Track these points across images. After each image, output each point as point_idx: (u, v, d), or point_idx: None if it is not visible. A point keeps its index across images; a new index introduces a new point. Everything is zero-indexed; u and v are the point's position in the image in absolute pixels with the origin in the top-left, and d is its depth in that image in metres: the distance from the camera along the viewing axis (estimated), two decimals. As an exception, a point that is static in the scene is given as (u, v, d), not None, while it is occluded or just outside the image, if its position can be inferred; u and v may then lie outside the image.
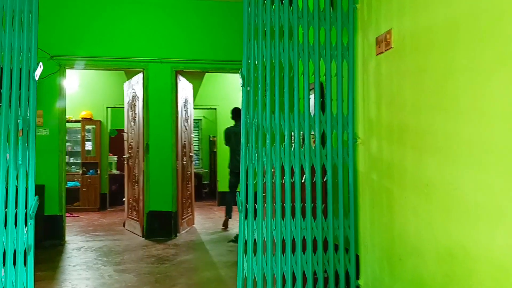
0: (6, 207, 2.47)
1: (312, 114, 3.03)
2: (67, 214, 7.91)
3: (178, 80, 6.06)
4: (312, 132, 3.05)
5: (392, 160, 2.69)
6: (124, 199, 6.75)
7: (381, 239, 2.83)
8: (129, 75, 7.08)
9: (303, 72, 2.98)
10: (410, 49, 2.51)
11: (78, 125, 8.67)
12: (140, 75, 5.96)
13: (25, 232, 2.51)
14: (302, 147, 3.00)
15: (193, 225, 6.71)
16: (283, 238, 2.93)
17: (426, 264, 2.31)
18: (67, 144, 8.62)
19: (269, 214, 2.89)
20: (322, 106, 3.07)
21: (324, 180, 3.05)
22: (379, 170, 2.85)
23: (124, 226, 6.62)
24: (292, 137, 2.98)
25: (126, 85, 6.65)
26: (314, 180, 3.01)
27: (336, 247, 3.05)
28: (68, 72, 8.42)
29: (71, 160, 8.73)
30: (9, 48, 2.50)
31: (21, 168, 2.50)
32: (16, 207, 2.51)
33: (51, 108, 5.53)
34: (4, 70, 2.48)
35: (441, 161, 2.19)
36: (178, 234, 5.94)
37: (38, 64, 2.57)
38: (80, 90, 8.74)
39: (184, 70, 6.06)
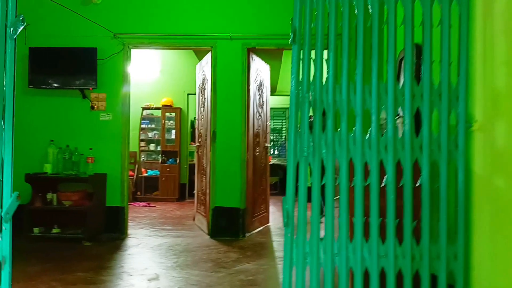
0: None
1: (400, 85, 2.02)
2: (144, 204, 7.69)
3: (250, 60, 5.29)
4: (400, 112, 2.04)
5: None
6: (194, 191, 6.23)
7: (508, 283, 1.75)
8: (200, 55, 6.51)
9: (387, 20, 1.98)
10: None
11: (159, 112, 8.40)
12: (209, 55, 5.31)
13: (-1, 238, 1.89)
14: (382, 134, 2.02)
15: (268, 224, 5.94)
16: (351, 268, 1.98)
17: None
18: (154, 132, 8.41)
19: (329, 231, 1.96)
20: (417, 73, 2.05)
21: (417, 184, 2.03)
22: (509, 172, 1.76)
23: (193, 220, 6.09)
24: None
25: (197, 67, 6.07)
26: (400, 184, 2.01)
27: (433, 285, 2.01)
28: (149, 57, 8.24)
29: (155, 148, 8.50)
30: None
31: (-7, 155, 1.89)
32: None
33: (115, 92, 5.12)
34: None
35: None
36: (247, 234, 5.22)
37: (19, 18, 1.94)
38: (162, 77, 8.47)
39: (256, 47, 5.26)
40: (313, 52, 2.09)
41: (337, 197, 2.02)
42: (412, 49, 2.02)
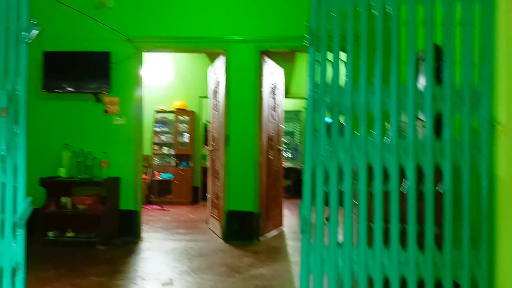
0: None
1: (420, 87, 1.96)
2: (157, 207, 7.68)
3: (263, 62, 5.25)
4: (420, 115, 1.98)
5: None
6: (207, 194, 6.20)
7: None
8: (213, 58, 6.48)
9: (407, 20, 1.92)
10: None
11: (172, 115, 8.40)
12: (221, 58, 5.29)
13: (13, 245, 1.88)
14: (402, 137, 1.96)
15: (282, 228, 5.89)
16: (369, 276, 1.92)
17: None
18: (168, 135, 8.42)
19: (348, 238, 1.91)
20: (437, 74, 1.99)
21: (439, 189, 1.97)
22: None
23: (207, 223, 6.06)
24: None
25: (209, 70, 6.05)
26: (421, 188, 1.95)
27: (456, 295, 1.95)
28: (162, 60, 8.23)
29: (168, 151, 8.49)
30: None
31: (7, 160, 1.88)
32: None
33: (128, 95, 5.12)
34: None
35: None
36: (261, 238, 5.16)
37: (32, 22, 1.92)
38: (175, 80, 8.45)
39: (270, 50, 5.22)
40: (328, 54, 2.05)
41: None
42: (433, 50, 1.96)
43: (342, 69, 2.03)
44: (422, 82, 2.08)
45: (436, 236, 1.96)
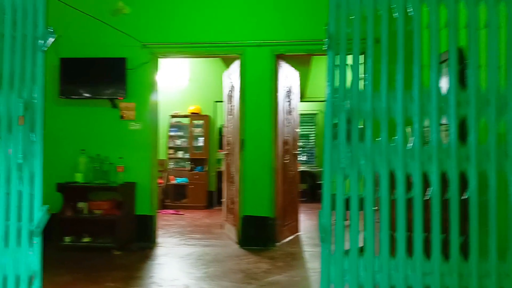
0: (7, 219, 1.86)
1: (444, 91, 1.90)
2: (173, 211, 7.68)
3: (278, 66, 5.21)
4: (444, 120, 1.92)
5: None
6: (222, 199, 6.17)
7: None
8: (228, 62, 6.47)
9: (429, 23, 1.87)
10: None
11: (187, 120, 8.42)
12: (237, 63, 5.26)
13: (29, 253, 1.87)
14: (425, 143, 1.89)
15: (298, 233, 5.82)
16: (392, 287, 1.86)
17: None
18: (182, 140, 8.43)
19: (369, 247, 1.85)
20: (461, 78, 1.92)
21: (465, 197, 1.90)
22: None
23: (222, 228, 6.03)
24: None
25: (224, 75, 6.04)
26: (446, 196, 1.88)
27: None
28: (177, 65, 8.27)
29: (183, 155, 8.50)
30: (12, 8, 1.89)
31: (24, 168, 1.87)
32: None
33: (144, 101, 5.13)
34: (6, 36, 1.87)
35: None
36: (277, 244, 5.11)
37: (48, 29, 1.92)
38: (190, 84, 8.47)
39: (285, 53, 5.18)
40: (348, 58, 2.00)
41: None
42: (456, 53, 1.90)
43: (362, 74, 1.98)
44: (443, 85, 2.01)
45: (461, 245, 1.89)
